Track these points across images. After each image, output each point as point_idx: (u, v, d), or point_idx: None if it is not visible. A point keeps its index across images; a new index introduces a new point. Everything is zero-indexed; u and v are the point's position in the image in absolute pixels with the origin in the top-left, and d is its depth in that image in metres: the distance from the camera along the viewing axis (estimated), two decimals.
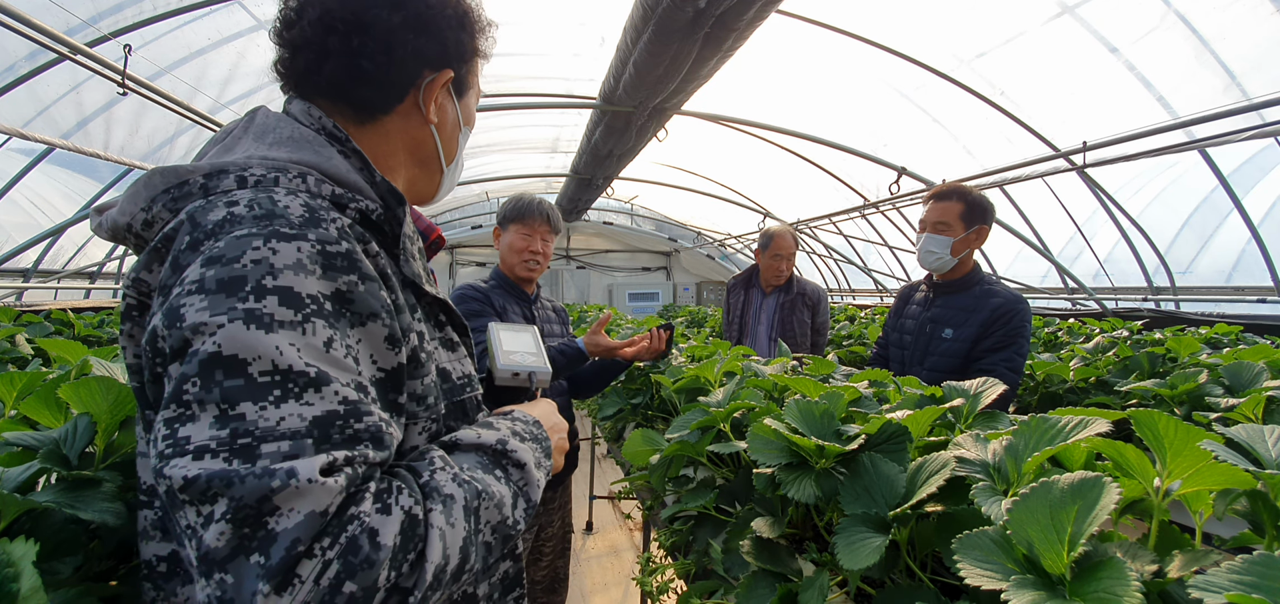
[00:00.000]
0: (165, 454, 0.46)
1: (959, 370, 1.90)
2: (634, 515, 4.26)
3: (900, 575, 0.73)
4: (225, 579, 0.45)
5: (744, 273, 3.25)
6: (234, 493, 0.45)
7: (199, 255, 0.52)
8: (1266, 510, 0.60)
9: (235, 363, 0.48)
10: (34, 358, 2.25)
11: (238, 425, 0.47)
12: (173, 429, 0.47)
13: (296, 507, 0.46)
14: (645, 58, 3.05)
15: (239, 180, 0.59)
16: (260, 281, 0.50)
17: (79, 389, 0.73)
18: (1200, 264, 4.63)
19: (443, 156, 0.79)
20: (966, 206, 1.98)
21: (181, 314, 0.49)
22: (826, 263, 9.04)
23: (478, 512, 0.59)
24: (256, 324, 0.49)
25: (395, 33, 0.69)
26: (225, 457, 0.46)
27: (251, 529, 0.45)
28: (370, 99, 0.71)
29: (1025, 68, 3.90)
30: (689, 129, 5.93)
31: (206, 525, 0.45)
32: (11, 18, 2.36)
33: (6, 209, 4.34)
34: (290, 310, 0.51)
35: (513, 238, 2.06)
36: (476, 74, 0.82)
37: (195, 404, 0.47)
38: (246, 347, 0.48)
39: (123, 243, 0.62)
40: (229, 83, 4.14)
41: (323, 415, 0.50)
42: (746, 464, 1.11)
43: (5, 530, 0.61)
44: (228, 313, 0.49)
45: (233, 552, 0.45)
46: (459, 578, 0.56)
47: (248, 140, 0.65)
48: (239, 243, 0.52)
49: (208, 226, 0.54)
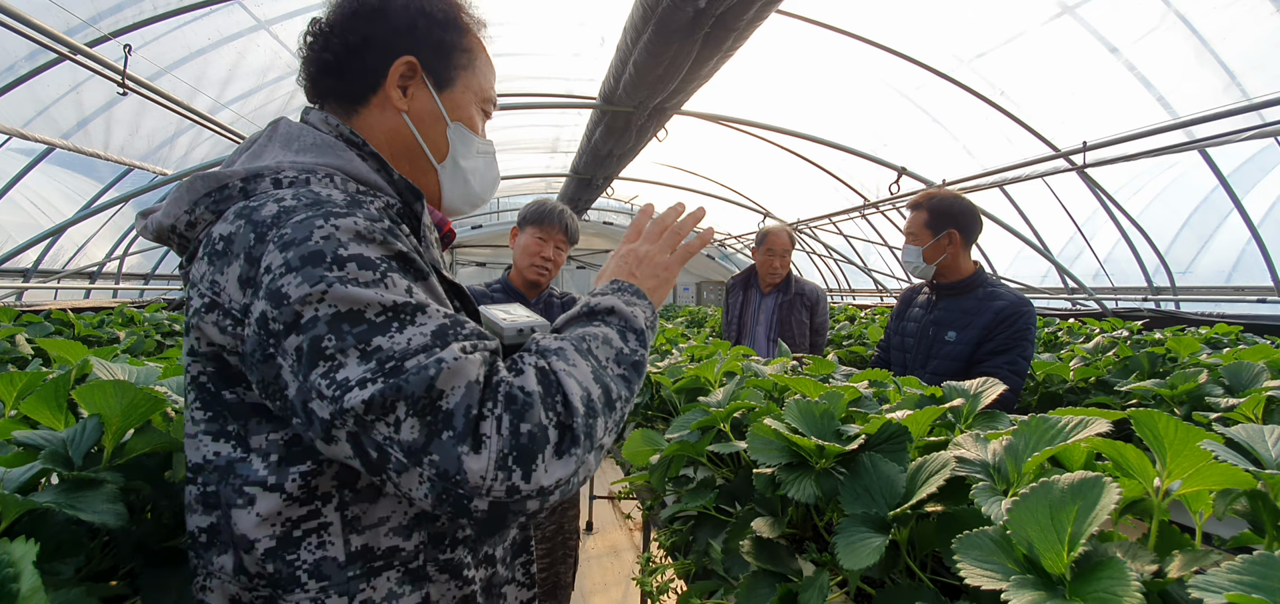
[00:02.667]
0: (336, 399, 0.54)
1: (962, 373, 1.89)
2: (634, 515, 4.26)
3: (900, 575, 0.73)
4: (432, 458, 0.54)
5: (743, 273, 3.25)
6: (406, 393, 0.54)
7: (268, 244, 0.59)
8: (1266, 510, 0.60)
9: (353, 314, 0.56)
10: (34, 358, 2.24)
11: (380, 355, 0.55)
12: (330, 377, 0.54)
13: (456, 383, 0.56)
14: (645, 58, 3.05)
15: (274, 181, 0.66)
16: (336, 253, 0.57)
17: (92, 391, 0.74)
18: (1200, 264, 4.63)
19: (428, 152, 0.81)
20: (930, 214, 2.01)
21: (285, 294, 0.56)
22: (826, 263, 9.04)
23: (589, 350, 0.66)
24: (352, 283, 0.57)
25: (349, 22, 0.75)
26: (383, 378, 0.54)
27: (432, 415, 0.55)
28: (337, 90, 0.77)
29: (1025, 68, 3.90)
30: (689, 129, 5.93)
31: (398, 429, 0.54)
32: (11, 18, 2.36)
33: (6, 209, 4.34)
34: (369, 272, 0.58)
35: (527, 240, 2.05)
36: (464, 70, 0.82)
37: (337, 353, 0.55)
38: (355, 300, 0.56)
39: (166, 243, 0.69)
40: (229, 83, 4.13)
41: (436, 328, 0.58)
42: (746, 464, 1.11)
43: (6, 530, 0.61)
44: (324, 280, 0.56)
45: (427, 437, 0.54)
46: (613, 406, 0.64)
47: (274, 148, 0.70)
48: (303, 226, 0.58)
49: (266, 220, 0.60)
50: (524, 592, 0.84)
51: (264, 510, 0.62)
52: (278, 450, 0.63)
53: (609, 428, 0.64)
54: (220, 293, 0.61)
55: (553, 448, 0.57)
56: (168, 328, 3.64)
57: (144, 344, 2.88)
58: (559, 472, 0.58)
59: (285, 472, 0.62)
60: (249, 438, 0.63)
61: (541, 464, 0.56)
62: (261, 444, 0.63)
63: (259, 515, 0.62)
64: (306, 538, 0.63)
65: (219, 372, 0.63)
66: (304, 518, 0.63)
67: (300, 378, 0.56)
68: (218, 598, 0.65)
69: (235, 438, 0.64)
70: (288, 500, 0.62)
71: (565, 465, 0.58)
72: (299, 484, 0.62)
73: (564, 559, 2.13)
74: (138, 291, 6.38)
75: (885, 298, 7.63)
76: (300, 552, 0.62)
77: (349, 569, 0.64)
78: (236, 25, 3.68)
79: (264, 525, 0.62)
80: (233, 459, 0.63)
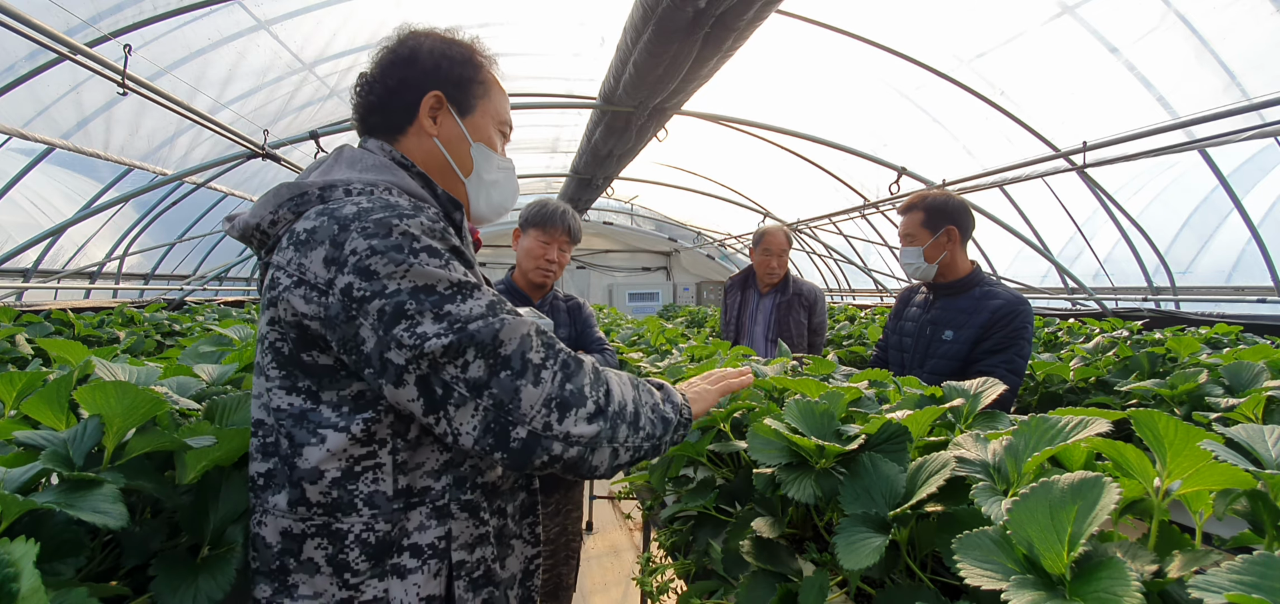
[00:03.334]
0: (416, 346, 0.71)
1: (959, 372, 1.89)
2: (634, 515, 4.26)
3: (900, 575, 0.73)
4: (491, 391, 0.73)
5: (741, 273, 3.24)
6: (476, 340, 0.73)
7: (351, 233, 0.73)
8: (1266, 510, 0.60)
9: (428, 289, 0.73)
10: (34, 358, 2.25)
11: (450, 317, 0.73)
12: (411, 331, 0.71)
13: (513, 336, 0.75)
14: (645, 58, 3.05)
15: (346, 191, 0.81)
16: (412, 244, 0.74)
17: (93, 391, 0.74)
18: (1200, 264, 4.63)
19: (455, 167, 0.97)
20: (925, 213, 2.01)
21: (373, 270, 0.72)
22: (826, 263, 9.04)
23: (637, 387, 0.87)
24: (427, 265, 0.74)
25: (388, 70, 0.94)
26: (453, 333, 0.72)
27: (494, 359, 0.73)
28: (382, 124, 0.94)
29: (1025, 68, 3.90)
30: (689, 129, 5.93)
31: (465, 369, 0.72)
32: (11, 18, 2.36)
33: (6, 209, 4.33)
34: (437, 260, 0.75)
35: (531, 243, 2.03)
36: (481, 99, 0.98)
37: (416, 314, 0.72)
38: (430, 277, 0.73)
39: (249, 241, 0.84)
40: (229, 83, 4.13)
41: (489, 302, 0.76)
42: (746, 464, 1.11)
43: (7, 531, 0.61)
44: (407, 262, 0.73)
45: (489, 375, 0.73)
46: (638, 428, 0.83)
47: (342, 167, 0.86)
48: (383, 222, 0.74)
49: (348, 216, 0.75)
50: (529, 548, 0.98)
51: (333, 447, 0.77)
52: (347, 402, 0.78)
53: (627, 444, 0.81)
54: (305, 272, 0.75)
55: (587, 414, 0.77)
56: (167, 328, 3.65)
57: (144, 344, 2.88)
58: (584, 430, 0.76)
59: (352, 418, 0.77)
60: (321, 392, 0.78)
61: (574, 417, 0.76)
62: (331, 397, 0.78)
63: (329, 451, 0.76)
64: (364, 473, 0.78)
65: (299, 337, 0.77)
66: (364, 457, 0.78)
67: (381, 332, 0.71)
68: (270, 531, 0.79)
69: (306, 392, 0.78)
70: (352, 440, 0.77)
71: (590, 428, 0.77)
72: (361, 428, 0.77)
73: (567, 561, 2.13)
74: (138, 292, 6.37)
75: (885, 298, 7.63)
76: (359, 483, 0.78)
77: (395, 502, 0.79)
78: (236, 25, 3.67)
79: (332, 459, 0.77)
80: (305, 408, 0.78)
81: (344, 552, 0.77)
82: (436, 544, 0.82)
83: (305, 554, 0.77)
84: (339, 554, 0.77)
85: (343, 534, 0.77)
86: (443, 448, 0.83)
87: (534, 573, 0.99)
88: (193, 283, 6.80)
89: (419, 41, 0.95)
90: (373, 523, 0.78)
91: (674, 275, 13.02)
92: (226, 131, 3.88)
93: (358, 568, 0.77)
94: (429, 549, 0.81)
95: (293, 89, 4.49)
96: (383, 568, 0.78)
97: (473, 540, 0.85)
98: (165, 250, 6.42)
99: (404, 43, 0.95)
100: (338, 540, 0.77)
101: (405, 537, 0.80)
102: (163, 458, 0.84)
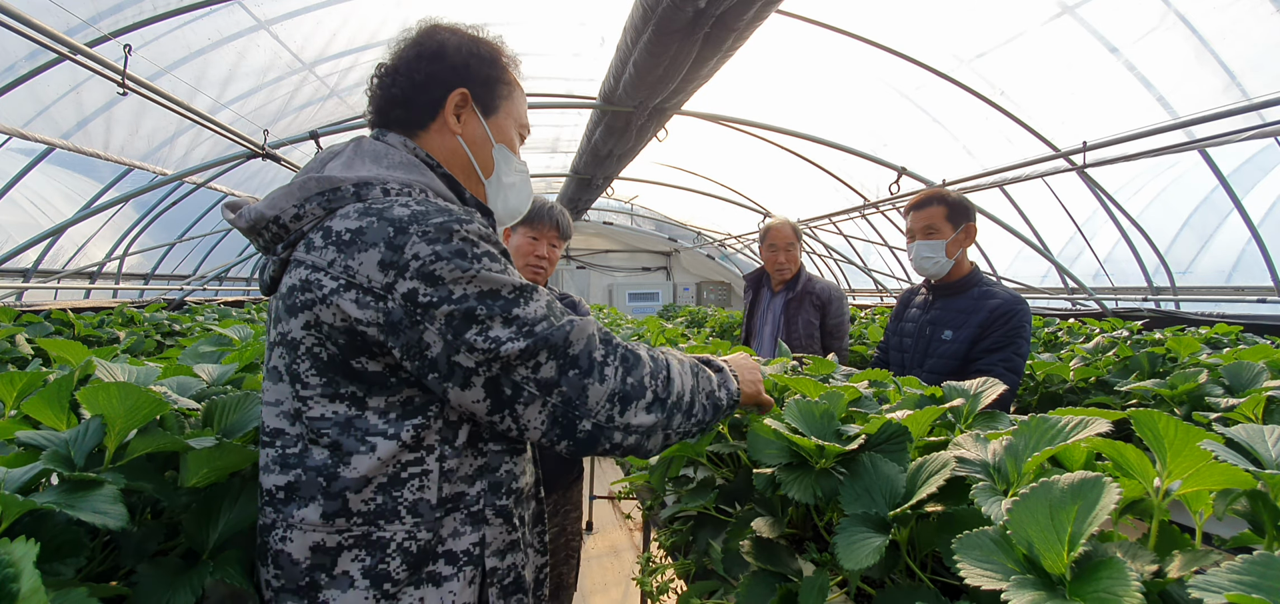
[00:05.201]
0: (490, 349, 0.72)
1: (958, 372, 1.90)
2: (634, 515, 4.26)
3: (900, 575, 0.73)
4: (561, 389, 0.76)
5: (756, 271, 3.12)
6: (548, 343, 0.75)
7: (411, 236, 0.72)
8: (1266, 510, 0.60)
9: (494, 293, 0.74)
10: (34, 358, 2.25)
11: (519, 320, 0.74)
12: (484, 335, 0.72)
13: (579, 337, 0.77)
14: (645, 58, 3.05)
15: (384, 191, 0.78)
16: (474, 249, 0.74)
17: (95, 392, 0.74)
18: (1200, 264, 4.63)
19: (478, 167, 0.96)
20: (949, 207, 2.00)
21: (439, 276, 0.72)
22: (826, 263, 9.04)
23: (697, 375, 0.89)
24: (490, 271, 0.74)
25: (415, 63, 0.91)
26: (525, 337, 0.74)
27: (563, 360, 0.76)
28: (403, 118, 0.91)
29: (1025, 68, 3.90)
30: (689, 129, 5.93)
31: (538, 370, 0.75)
32: (11, 18, 2.36)
33: (6, 209, 4.33)
34: (498, 264, 0.76)
35: (520, 240, 2.03)
36: (505, 99, 0.97)
37: (487, 319, 0.73)
38: (496, 282, 0.75)
39: (258, 234, 0.79)
40: (229, 83, 4.13)
41: (547, 302, 0.78)
42: (746, 464, 1.11)
43: (7, 531, 0.61)
44: (472, 268, 0.73)
45: (559, 374, 0.76)
46: (691, 415, 0.86)
47: (365, 161, 0.83)
48: (442, 228, 0.73)
49: (403, 219, 0.73)
50: (539, 557, 0.98)
51: (384, 455, 0.75)
52: (395, 409, 0.77)
53: (679, 429, 0.85)
54: (356, 275, 0.72)
55: (646, 404, 0.80)
56: (167, 328, 3.65)
57: (144, 344, 2.88)
58: (644, 420, 0.80)
59: (402, 424, 0.76)
60: (368, 399, 0.76)
61: (634, 409, 0.79)
62: (379, 404, 0.76)
63: (380, 458, 0.75)
64: (411, 480, 0.77)
65: (349, 342, 0.74)
66: (411, 463, 0.77)
67: (449, 337, 0.72)
68: (298, 546, 0.75)
69: (351, 399, 0.76)
70: (402, 447, 0.76)
71: (649, 418, 0.80)
72: (411, 435, 0.77)
73: (567, 561, 2.13)
74: (138, 292, 6.37)
75: (885, 298, 7.62)
76: (404, 491, 0.77)
77: (437, 511, 0.79)
78: (236, 25, 3.67)
79: (381, 466, 0.75)
80: (351, 416, 0.76)
81: (384, 561, 0.75)
82: (471, 550, 0.81)
83: (340, 568, 0.75)
84: (378, 564, 0.75)
85: (384, 543, 0.76)
86: (478, 453, 0.82)
87: (543, 581, 0.98)
88: (193, 283, 6.80)
89: (446, 37, 0.93)
90: (415, 531, 0.77)
91: (674, 275, 13.02)
92: (226, 131, 3.88)
93: (397, 577, 0.76)
94: (464, 555, 0.80)
95: (293, 89, 4.49)
96: (420, 576, 0.77)
97: (504, 547, 0.85)
98: (165, 250, 6.42)
99: (432, 36, 0.93)
100: (378, 550, 0.75)
101: (440, 544, 0.79)
102: (163, 459, 0.84)
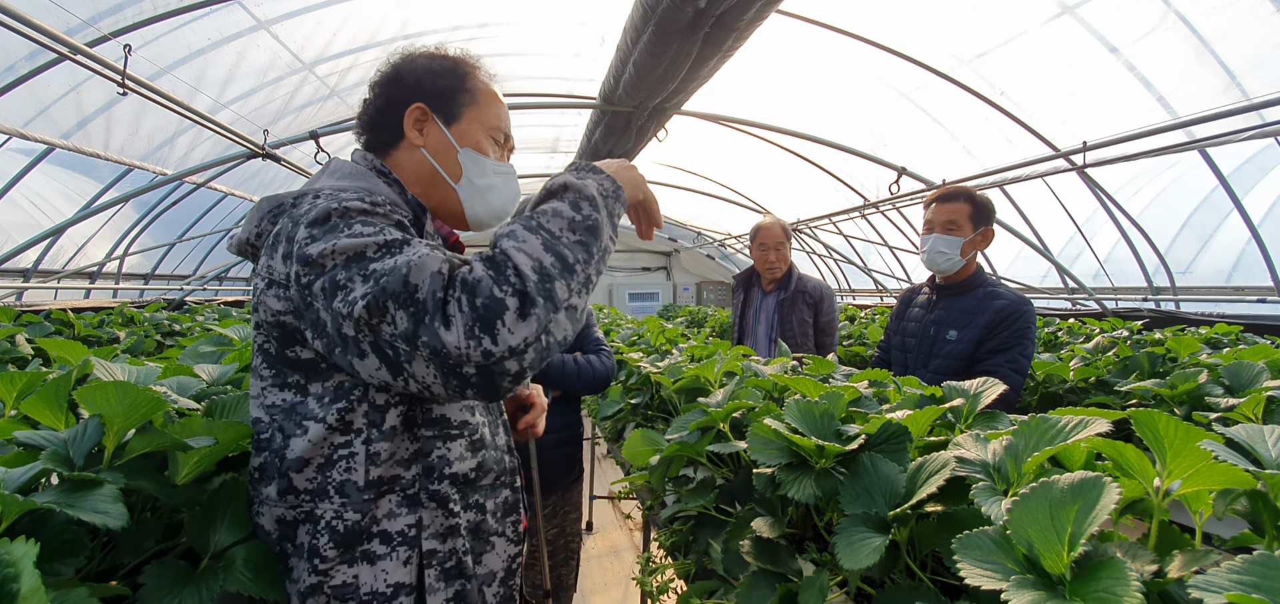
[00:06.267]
0: (352, 314, 0.70)
1: (963, 372, 1.89)
2: (634, 515, 4.26)
3: (900, 575, 0.73)
4: (423, 340, 0.68)
5: (745, 271, 3.18)
6: (389, 290, 0.69)
7: (299, 227, 0.77)
8: (1266, 510, 0.60)
9: (359, 255, 0.72)
10: (34, 358, 2.25)
11: (376, 273, 0.71)
12: (345, 297, 0.70)
13: (423, 276, 0.70)
14: (645, 58, 3.05)
15: (314, 197, 0.82)
16: (345, 215, 0.76)
17: (93, 391, 0.74)
18: (1200, 264, 4.62)
19: (444, 174, 0.99)
20: (974, 207, 1.99)
21: (310, 256, 0.74)
22: (826, 263, 9.04)
23: (540, 225, 0.77)
24: (356, 235, 0.73)
25: (378, 92, 1.00)
26: (372, 283, 0.70)
27: (413, 306, 0.69)
28: (374, 140, 1.00)
29: (1025, 68, 3.90)
30: (689, 129, 5.93)
31: (394, 323, 0.69)
32: (11, 18, 2.36)
33: (6, 209, 4.33)
34: (371, 227, 0.75)
35: None
36: (469, 106, 1.00)
37: (348, 282, 0.71)
38: (359, 245, 0.73)
39: (245, 254, 0.90)
40: (229, 83, 4.13)
41: (421, 251, 0.72)
42: (746, 464, 1.11)
43: (7, 531, 0.61)
44: (338, 235, 0.74)
45: (415, 324, 0.68)
46: (572, 270, 0.75)
47: (324, 177, 0.91)
48: (323, 206, 0.77)
49: (304, 214, 0.78)
50: (511, 546, 0.98)
51: (313, 437, 0.80)
52: (329, 394, 0.81)
53: (574, 289, 0.75)
54: (273, 272, 0.80)
55: (514, 313, 0.69)
56: (167, 328, 3.65)
57: (144, 344, 2.88)
58: (524, 331, 0.69)
59: (329, 408, 0.80)
60: (309, 385, 0.81)
61: (504, 327, 0.68)
62: (317, 390, 0.81)
63: (310, 441, 0.80)
64: (339, 462, 0.81)
65: (282, 336, 0.80)
66: (340, 446, 0.81)
67: (330, 311, 0.72)
68: (268, 520, 0.82)
69: (295, 387, 0.82)
70: (329, 430, 0.80)
71: (528, 325, 0.70)
72: (336, 418, 0.80)
73: (567, 562, 2.14)
74: (138, 292, 6.37)
75: (885, 298, 7.62)
76: (333, 471, 0.81)
77: (366, 492, 0.81)
78: (236, 25, 3.67)
79: (314, 449, 0.80)
80: (294, 402, 0.82)
81: (316, 537, 0.80)
82: (406, 532, 0.83)
83: (299, 539, 0.81)
84: (312, 540, 0.80)
85: (316, 518, 0.80)
86: (413, 438, 0.85)
87: (516, 571, 0.99)
88: (193, 283, 6.79)
89: (406, 62, 1.00)
90: (342, 511, 0.80)
91: (674, 275, 13.02)
92: (226, 131, 3.88)
93: (326, 554, 0.79)
94: (398, 536, 0.83)
95: (293, 89, 4.48)
96: (353, 555, 0.80)
97: (444, 531, 0.86)
98: (165, 250, 6.41)
99: (393, 65, 1.01)
100: (313, 525, 0.80)
101: (375, 524, 0.82)
102: (163, 458, 0.84)
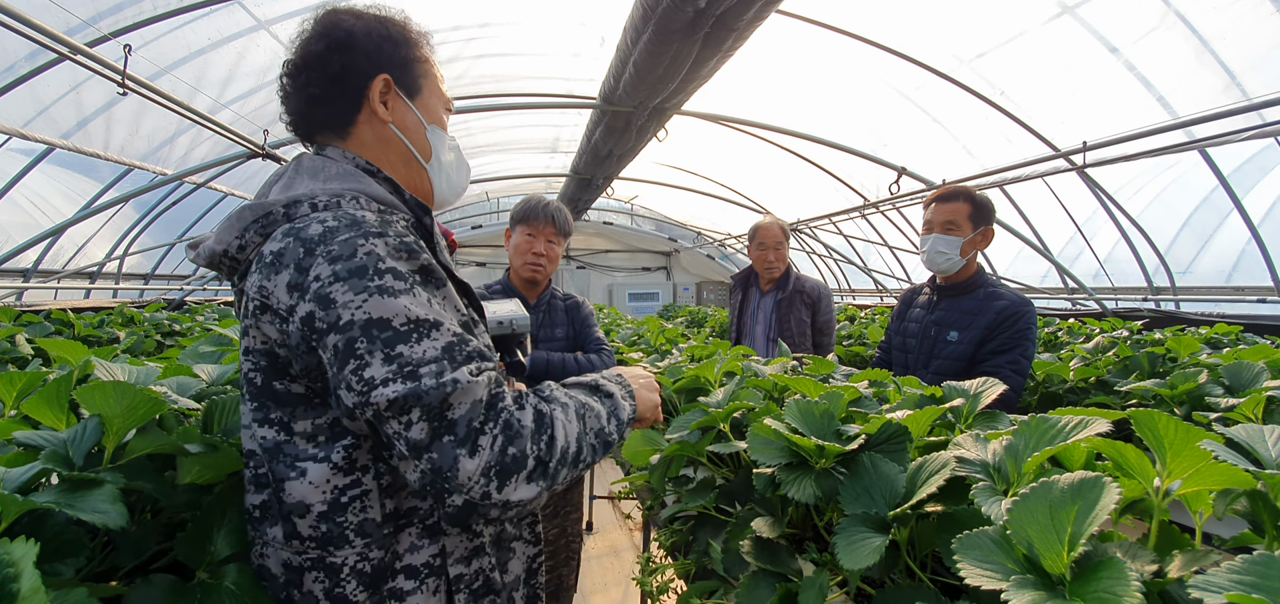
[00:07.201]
0: (361, 391, 0.66)
1: (964, 373, 1.89)
2: (634, 515, 4.26)
3: (900, 575, 0.73)
4: (431, 457, 0.66)
5: (743, 272, 3.19)
6: (423, 402, 0.66)
7: (317, 258, 0.70)
8: (1266, 510, 0.60)
9: (383, 323, 0.68)
10: (34, 358, 2.25)
11: (401, 361, 0.67)
12: (359, 374, 0.66)
13: (464, 400, 0.68)
14: (645, 58, 3.05)
15: (311, 206, 0.77)
16: (376, 267, 0.69)
17: (93, 392, 0.74)
18: (1200, 264, 4.62)
19: (417, 153, 0.92)
20: (974, 207, 1.99)
21: (332, 300, 0.68)
22: (826, 263, 9.03)
23: (583, 417, 0.79)
24: (387, 295, 0.69)
25: (326, 56, 0.85)
26: (401, 381, 0.66)
27: (439, 422, 0.67)
28: (328, 118, 0.87)
29: (1025, 68, 3.90)
30: (689, 129, 5.93)
31: (409, 428, 0.66)
32: (11, 18, 2.36)
33: (6, 209, 4.33)
34: (402, 283, 0.70)
35: (518, 239, 2.05)
36: (424, 78, 0.93)
37: (366, 354, 0.67)
38: (388, 310, 0.68)
39: (217, 268, 0.80)
40: (229, 83, 4.13)
41: (447, 344, 0.70)
42: (746, 464, 1.11)
43: (7, 531, 0.61)
44: (366, 291, 0.68)
45: (432, 438, 0.66)
46: (578, 464, 0.76)
47: (304, 179, 0.82)
48: (347, 244, 0.70)
49: (314, 237, 0.71)
50: (531, 548, 0.97)
51: (314, 478, 0.74)
52: (323, 431, 0.76)
53: (566, 477, 0.76)
54: (269, 296, 0.72)
55: (527, 475, 0.70)
56: (167, 328, 3.64)
57: (144, 344, 2.88)
58: (524, 493, 0.70)
59: (331, 447, 0.75)
60: (293, 423, 0.75)
61: (514, 483, 0.69)
62: (305, 428, 0.75)
63: (311, 483, 0.74)
64: (352, 503, 0.76)
65: (270, 365, 0.75)
66: (349, 486, 0.76)
67: (335, 369, 0.68)
68: (274, 563, 0.77)
69: (279, 424, 0.75)
70: (334, 470, 0.75)
71: (530, 489, 0.70)
72: (342, 457, 0.75)
73: (567, 562, 2.14)
74: (138, 292, 6.37)
75: (885, 298, 7.62)
76: (347, 514, 0.75)
77: (384, 527, 0.77)
78: (236, 25, 3.67)
79: (315, 491, 0.74)
80: (279, 441, 0.75)
81: (340, 585, 0.75)
82: (432, 562, 0.80)
83: (306, 586, 0.76)
84: (336, 587, 0.75)
85: (337, 568, 0.75)
86: None
87: (537, 570, 0.98)
88: (193, 283, 6.79)
89: (351, 22, 0.87)
90: (366, 552, 0.76)
91: (674, 275, 13.02)
92: (226, 131, 3.88)
93: (357, 599, 0.76)
94: (425, 568, 0.80)
95: None
96: (380, 594, 0.77)
97: (468, 553, 0.84)
98: (165, 250, 6.41)
99: (337, 24, 0.86)
100: (334, 574, 0.75)
101: (397, 560, 0.78)
102: (163, 459, 0.84)
